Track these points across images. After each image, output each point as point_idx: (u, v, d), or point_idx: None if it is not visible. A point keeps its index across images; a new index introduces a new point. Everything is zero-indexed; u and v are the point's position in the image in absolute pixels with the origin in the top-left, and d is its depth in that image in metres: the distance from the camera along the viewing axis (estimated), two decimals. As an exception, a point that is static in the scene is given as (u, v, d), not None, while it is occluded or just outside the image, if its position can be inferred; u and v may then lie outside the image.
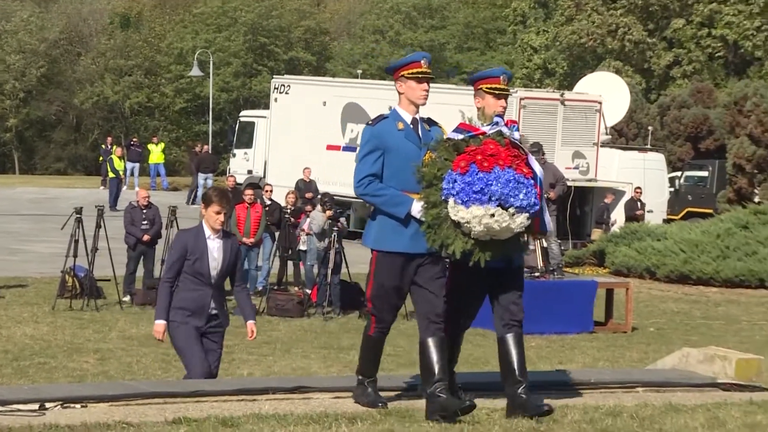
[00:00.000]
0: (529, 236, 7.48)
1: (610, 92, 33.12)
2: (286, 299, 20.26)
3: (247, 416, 7.14)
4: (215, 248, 9.11)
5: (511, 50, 62.58)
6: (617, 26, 53.28)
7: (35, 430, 6.60)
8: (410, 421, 7.22)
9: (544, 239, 17.35)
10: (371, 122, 7.59)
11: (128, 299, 20.02)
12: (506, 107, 7.61)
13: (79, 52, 64.67)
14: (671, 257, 25.52)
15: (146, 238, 20.31)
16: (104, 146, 44.38)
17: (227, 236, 9.27)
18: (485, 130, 7.35)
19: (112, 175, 37.36)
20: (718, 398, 8.52)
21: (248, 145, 39.09)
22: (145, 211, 20.45)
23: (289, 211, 22.76)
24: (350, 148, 33.29)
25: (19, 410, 7.06)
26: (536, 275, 18.40)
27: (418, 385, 7.89)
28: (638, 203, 32.21)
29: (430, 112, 7.69)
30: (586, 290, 19.45)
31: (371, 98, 33.19)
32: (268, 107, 38.11)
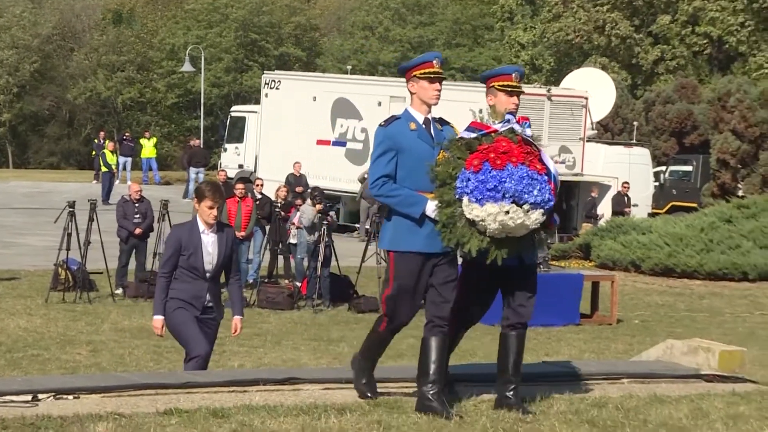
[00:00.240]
0: (546, 233, 7.38)
1: (596, 88, 33.17)
2: (276, 292, 20.26)
3: (237, 407, 7.14)
4: (209, 243, 9.07)
5: (498, 46, 62.57)
6: (604, 22, 53.33)
7: (28, 421, 6.58)
8: (399, 412, 7.22)
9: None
10: (384, 123, 7.45)
11: (120, 292, 20.02)
12: (518, 104, 7.50)
13: (72, 47, 64.49)
14: (656, 250, 25.55)
15: (138, 231, 20.32)
16: (97, 141, 44.31)
17: (222, 229, 9.18)
18: (497, 127, 7.26)
19: (104, 169, 37.33)
20: (701, 389, 8.53)
21: (239, 139, 39.08)
22: (137, 204, 20.46)
23: (279, 204, 22.76)
24: (340, 142, 33.33)
25: (12, 401, 7.04)
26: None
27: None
28: (625, 198, 32.24)
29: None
30: (572, 283, 19.46)
31: (361, 94, 33.24)
32: (258, 102, 38.12)
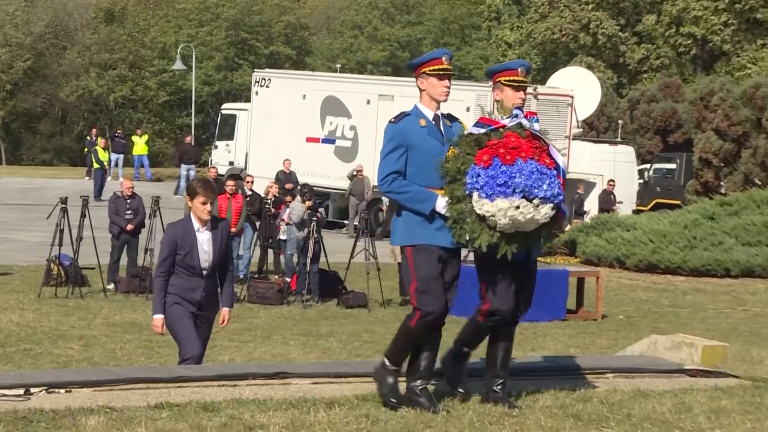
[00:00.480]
0: (554, 226, 7.34)
1: (581, 87, 33.20)
2: (266, 287, 20.24)
3: (227, 401, 7.13)
4: (204, 241, 8.98)
5: (486, 46, 62.64)
6: (589, 20, 53.40)
7: (20, 414, 6.57)
8: (386, 406, 7.22)
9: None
10: (394, 120, 7.33)
11: (112, 287, 19.99)
12: (525, 99, 7.44)
13: (64, 45, 64.38)
14: (640, 247, 25.59)
15: (130, 227, 20.29)
16: (89, 138, 44.23)
17: (216, 226, 9.10)
18: (505, 123, 7.21)
19: (96, 165, 37.30)
20: (684, 384, 8.54)
21: (230, 137, 39.04)
22: (129, 201, 20.43)
23: (269, 201, 22.74)
24: (329, 140, 33.32)
25: (4, 395, 7.02)
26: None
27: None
28: (612, 196, 32.30)
29: (412, 105, 7.53)
30: (557, 279, 19.47)
31: (350, 92, 33.23)
32: (249, 100, 38.08)
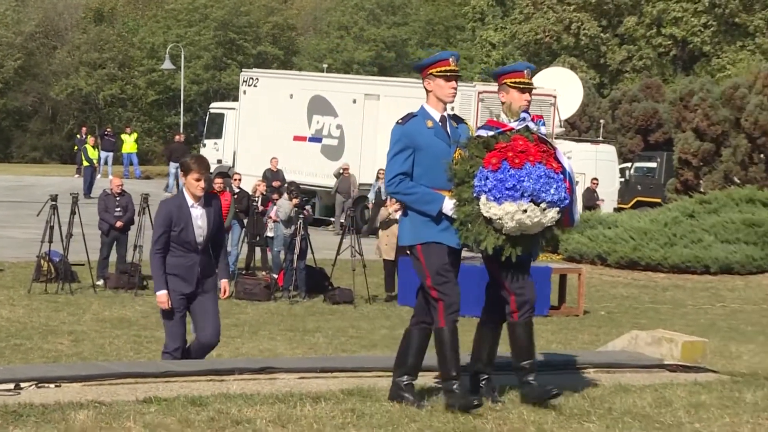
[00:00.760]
0: (558, 230, 7.26)
1: (564, 87, 33.24)
2: (253, 283, 20.22)
3: (215, 395, 7.12)
4: (198, 216, 9.02)
5: (470, 46, 62.64)
6: (570, 21, 53.48)
7: (10, 408, 6.55)
8: (372, 400, 7.22)
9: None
10: (401, 121, 7.23)
11: (102, 283, 19.95)
12: (530, 101, 7.37)
13: (54, 45, 64.17)
14: (621, 244, 25.64)
15: (119, 224, 20.27)
16: (79, 136, 44.10)
17: (209, 201, 9.15)
18: (513, 126, 7.16)
19: (86, 163, 37.21)
20: (665, 379, 8.56)
21: (218, 135, 38.98)
22: (118, 198, 20.41)
23: (257, 199, 22.72)
24: (316, 138, 33.30)
25: (-5, 390, 7.01)
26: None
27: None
28: (595, 194, 32.37)
29: (399, 106, 7.52)
30: (540, 276, 19.45)
31: (336, 91, 33.22)
32: (237, 99, 38.03)
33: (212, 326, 9.16)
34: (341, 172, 31.44)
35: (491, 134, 7.12)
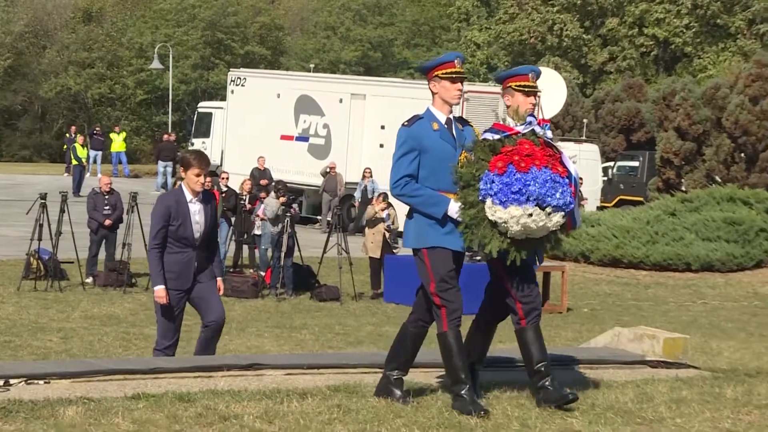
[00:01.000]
0: (563, 234, 7.21)
1: (547, 86, 33.10)
2: (241, 281, 20.20)
3: (203, 392, 7.11)
4: (196, 212, 9.02)
5: (455, 47, 62.65)
6: (553, 22, 53.54)
7: (0, 405, 6.53)
8: (358, 396, 7.22)
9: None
10: (407, 123, 7.10)
11: (90, 281, 19.92)
12: (536, 104, 7.33)
13: (44, 45, 64.02)
14: (604, 242, 25.68)
15: (108, 222, 20.24)
16: (68, 135, 43.96)
17: (206, 198, 9.14)
18: (519, 129, 7.08)
19: (75, 162, 37.12)
20: (646, 375, 8.57)
21: (206, 134, 38.95)
22: (107, 197, 20.38)
23: (244, 197, 22.69)
24: (303, 138, 33.28)
25: (-16, 386, 6.99)
26: (477, 259, 18.40)
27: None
28: (580, 192, 32.44)
29: (385, 106, 7.50)
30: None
31: (323, 91, 33.20)
32: (225, 99, 38.00)
33: (217, 306, 9.14)
34: (328, 170, 31.43)
35: (497, 138, 7.04)
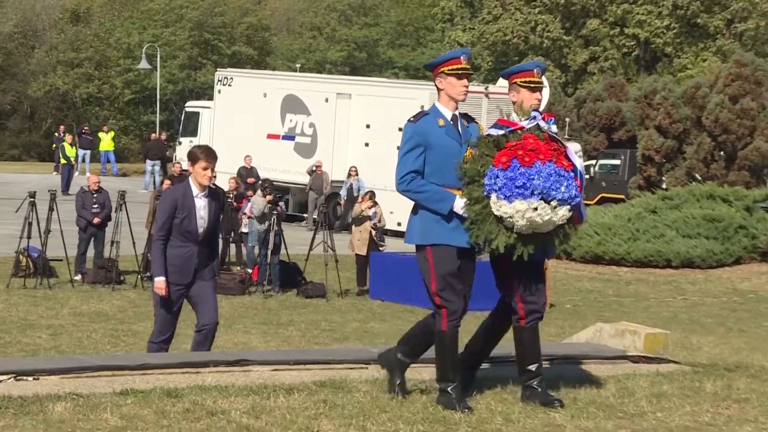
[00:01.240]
0: (571, 228, 7.14)
1: (530, 86, 33.25)
2: (228, 278, 20.18)
3: (190, 387, 7.10)
4: (202, 206, 9.00)
5: (439, 46, 62.66)
6: (536, 23, 53.59)
7: (-11, 401, 6.52)
8: (343, 391, 7.21)
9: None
10: (413, 119, 7.00)
11: (79, 278, 19.89)
12: (541, 99, 7.24)
13: (33, 45, 63.79)
14: (586, 239, 25.72)
15: (96, 220, 20.20)
16: (57, 134, 43.90)
17: (212, 194, 9.11)
18: (523, 124, 7.02)
19: (64, 161, 37.04)
20: (628, 370, 8.59)
21: (193, 133, 38.86)
22: (95, 195, 20.34)
23: (231, 195, 22.66)
24: (289, 137, 33.26)
25: (-26, 383, 6.97)
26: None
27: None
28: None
29: (370, 105, 7.48)
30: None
31: (309, 90, 33.18)
32: (212, 98, 37.90)
33: (210, 309, 9.11)
34: (314, 169, 31.41)
35: (501, 133, 6.98)
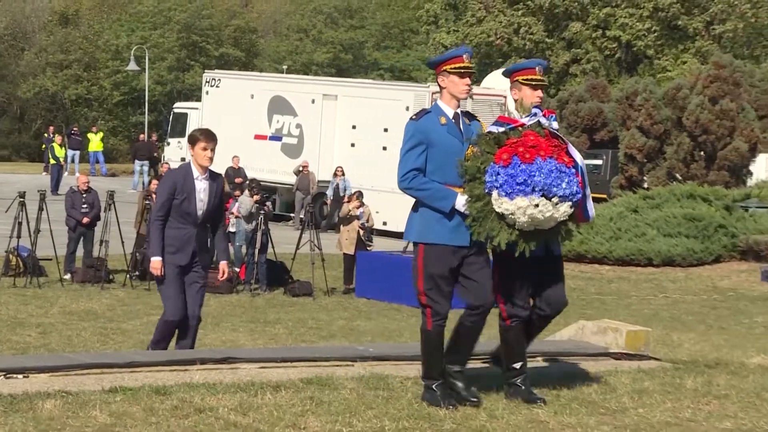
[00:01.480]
0: (573, 224, 7.04)
1: (514, 87, 33.29)
2: (216, 277, 20.11)
3: (179, 385, 7.09)
4: (202, 189, 8.97)
5: (424, 48, 62.70)
6: (519, 25, 53.65)
7: (-21, 399, 6.49)
8: (330, 389, 7.21)
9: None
10: (415, 117, 6.96)
11: (69, 277, 19.85)
12: (543, 97, 7.19)
13: (22, 47, 63.64)
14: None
15: (86, 220, 20.17)
16: (47, 135, 43.77)
17: (213, 177, 9.08)
18: (524, 121, 6.96)
19: (53, 161, 36.96)
20: (610, 366, 8.60)
21: (182, 134, 38.73)
22: (84, 195, 20.30)
23: (219, 195, 22.61)
24: (276, 137, 33.25)
25: (-36, 381, 6.95)
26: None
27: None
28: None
29: (356, 106, 7.47)
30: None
31: (296, 92, 33.18)
32: (200, 99, 37.88)
33: (195, 305, 9.11)
34: (301, 169, 31.39)
35: (502, 130, 6.94)
